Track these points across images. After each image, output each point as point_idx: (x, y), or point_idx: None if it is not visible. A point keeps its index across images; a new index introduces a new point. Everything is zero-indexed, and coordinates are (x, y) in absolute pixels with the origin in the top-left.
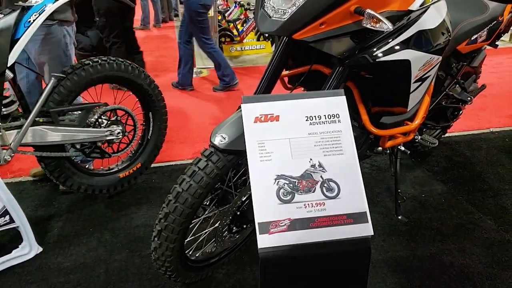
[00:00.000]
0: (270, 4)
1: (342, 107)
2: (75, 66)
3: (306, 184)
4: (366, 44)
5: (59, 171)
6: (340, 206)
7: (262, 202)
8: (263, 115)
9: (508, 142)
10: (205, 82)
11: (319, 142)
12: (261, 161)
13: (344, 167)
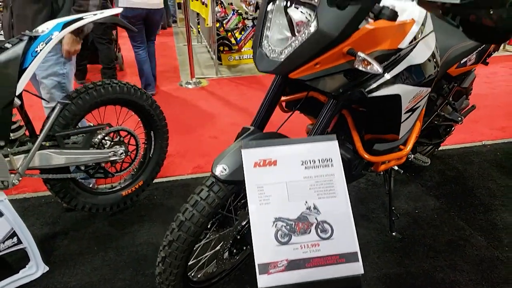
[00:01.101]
0: (268, 45)
1: (334, 152)
2: (80, 90)
3: (302, 226)
4: (358, 81)
5: (64, 192)
6: (333, 246)
7: (261, 244)
8: (262, 160)
9: (499, 156)
10: (204, 92)
11: (314, 185)
12: (260, 204)
13: (337, 209)
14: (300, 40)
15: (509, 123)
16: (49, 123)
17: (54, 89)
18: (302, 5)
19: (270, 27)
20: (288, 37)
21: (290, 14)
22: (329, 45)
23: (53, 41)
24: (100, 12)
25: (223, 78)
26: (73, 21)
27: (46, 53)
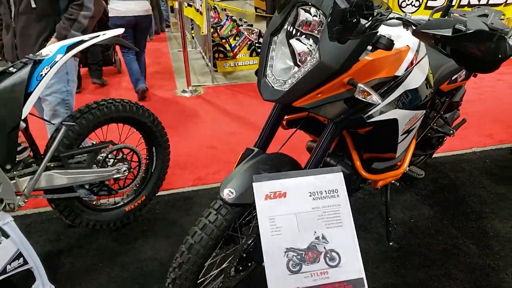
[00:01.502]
0: (271, 74)
1: (340, 183)
2: (83, 110)
3: (311, 255)
4: (357, 107)
5: (68, 211)
6: (341, 273)
7: (274, 273)
8: (272, 192)
9: (488, 164)
10: (201, 101)
11: (322, 216)
12: (272, 235)
13: (344, 238)
14: (303, 72)
15: (497, 130)
16: (55, 144)
17: (58, 106)
18: (304, 36)
19: (274, 57)
20: (291, 66)
21: (292, 45)
22: (331, 76)
23: (58, 65)
24: (102, 34)
25: (219, 85)
26: (77, 43)
27: (51, 77)
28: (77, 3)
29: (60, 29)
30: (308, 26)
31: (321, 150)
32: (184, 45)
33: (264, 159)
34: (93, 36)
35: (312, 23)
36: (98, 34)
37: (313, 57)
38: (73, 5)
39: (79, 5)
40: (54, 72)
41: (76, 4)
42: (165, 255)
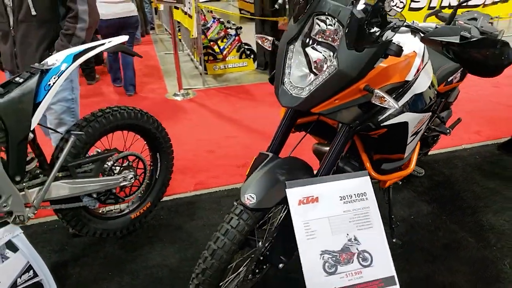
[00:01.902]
0: (289, 81)
1: (368, 186)
2: (89, 119)
3: (345, 257)
4: (371, 112)
5: (76, 220)
6: (374, 272)
7: (312, 276)
8: (305, 197)
9: (478, 160)
10: (194, 104)
11: (353, 218)
12: (307, 239)
13: (374, 238)
14: (322, 79)
15: (483, 127)
16: (64, 154)
17: (63, 115)
18: (319, 44)
19: (291, 65)
20: (307, 73)
21: (308, 53)
22: (348, 83)
23: (66, 74)
24: (108, 41)
25: (210, 88)
26: (83, 52)
27: (59, 86)
28: (72, 15)
29: (59, 47)
30: (323, 34)
31: (334, 153)
32: (175, 49)
33: (280, 164)
34: (98, 44)
35: (327, 32)
36: (103, 41)
37: (331, 65)
38: (68, 18)
39: (74, 18)
40: (63, 81)
41: (71, 17)
42: (174, 261)
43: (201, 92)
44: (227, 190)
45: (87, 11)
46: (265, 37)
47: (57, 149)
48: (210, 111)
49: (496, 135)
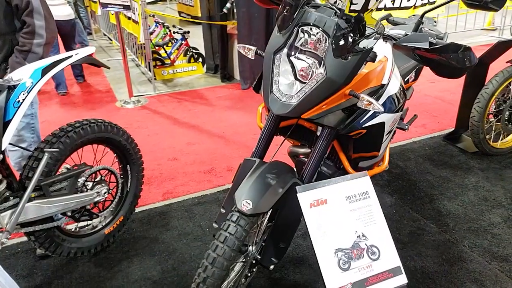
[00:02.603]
0: (277, 89)
1: (369, 186)
2: (58, 134)
3: (356, 252)
4: (353, 114)
5: (49, 241)
6: (382, 265)
7: (329, 273)
8: (315, 200)
9: (428, 151)
10: (147, 112)
11: (359, 216)
12: (322, 239)
13: (379, 233)
14: (311, 87)
15: (427, 121)
16: (37, 173)
17: (23, 131)
18: (303, 53)
19: (279, 74)
20: (292, 81)
21: (293, 62)
22: (336, 90)
23: (36, 89)
24: (75, 53)
25: (162, 94)
26: (51, 65)
27: (29, 102)
28: (27, 30)
29: (14, 64)
30: (307, 44)
31: (318, 155)
32: (124, 55)
33: (268, 169)
34: (66, 56)
35: (311, 42)
36: (71, 54)
37: (319, 73)
38: (23, 34)
39: (31, 33)
40: (32, 97)
41: (26, 33)
42: (156, 273)
43: (153, 99)
44: (197, 197)
45: (44, 26)
46: (248, 47)
47: (27, 168)
48: (166, 118)
49: (440, 128)
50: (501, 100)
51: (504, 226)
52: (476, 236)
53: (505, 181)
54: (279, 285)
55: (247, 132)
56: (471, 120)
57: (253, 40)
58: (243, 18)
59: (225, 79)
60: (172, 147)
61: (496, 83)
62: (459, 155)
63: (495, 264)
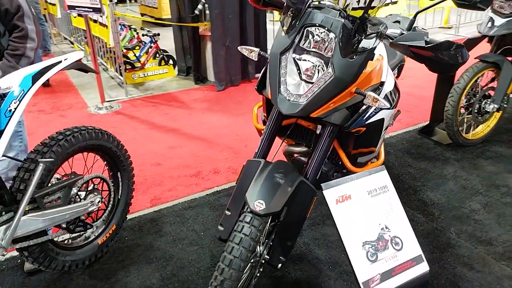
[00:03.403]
0: (285, 90)
1: (387, 179)
2: (49, 143)
3: (382, 244)
4: (357, 112)
5: (43, 256)
6: (405, 254)
7: (359, 266)
8: (340, 196)
9: (405, 145)
10: (122, 117)
11: (381, 209)
12: (349, 234)
13: (400, 224)
14: (320, 86)
15: (402, 116)
16: (32, 185)
17: (11, 139)
18: (308, 53)
19: (286, 74)
20: (298, 81)
21: (298, 63)
22: (343, 88)
23: (28, 97)
24: (64, 58)
25: (135, 98)
26: (40, 72)
27: (22, 111)
28: (20, 35)
29: (7, 68)
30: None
31: (321, 153)
32: (95, 60)
33: (275, 169)
34: (55, 62)
35: (315, 43)
36: (59, 59)
37: (327, 73)
38: (15, 38)
39: (24, 37)
40: (25, 105)
41: (19, 37)
42: (155, 281)
43: (126, 103)
44: (186, 201)
45: (35, 30)
46: (250, 49)
47: (18, 180)
48: (143, 122)
49: (414, 122)
50: (471, 94)
51: (484, 212)
52: (460, 223)
53: (479, 169)
54: (281, 283)
55: (229, 134)
56: (445, 113)
57: (228, 41)
58: (216, 20)
59: (198, 81)
60: (153, 152)
61: (467, 78)
62: (435, 148)
63: (481, 248)
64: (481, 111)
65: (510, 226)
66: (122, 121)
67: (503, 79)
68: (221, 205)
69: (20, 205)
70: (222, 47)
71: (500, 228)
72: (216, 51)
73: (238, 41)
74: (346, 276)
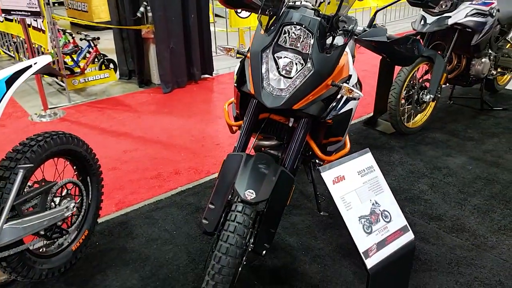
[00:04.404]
0: (268, 85)
1: (371, 161)
2: (21, 150)
3: (374, 218)
4: (330, 104)
5: (22, 265)
6: (394, 225)
7: (358, 238)
8: (336, 177)
9: (353, 136)
10: (69, 124)
11: (370, 187)
12: (347, 210)
13: (387, 199)
14: (301, 80)
15: None
16: (14, 193)
17: None
18: (285, 50)
19: (267, 70)
20: (277, 76)
21: (277, 59)
22: (322, 81)
23: (4, 102)
24: (33, 63)
25: (79, 104)
26: (12, 76)
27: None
28: None
29: None
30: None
31: (297, 144)
32: None
33: (258, 160)
34: (25, 66)
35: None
36: (29, 63)
37: (305, 68)
38: None
39: None
40: (2, 110)
41: None
42: (136, 282)
43: (70, 110)
44: (152, 203)
45: None
46: (228, 47)
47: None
48: (91, 128)
49: (358, 115)
50: (410, 86)
51: (431, 192)
52: (412, 203)
53: (422, 155)
54: (260, 271)
55: (183, 135)
56: (389, 104)
57: (172, 43)
58: (160, 22)
59: (142, 84)
60: (107, 157)
61: (407, 71)
62: (380, 137)
63: (433, 224)
64: (419, 101)
65: (454, 203)
66: (70, 128)
67: (436, 71)
68: (188, 204)
69: (2, 214)
70: (166, 49)
71: (447, 205)
72: (160, 53)
73: (182, 43)
74: (319, 259)
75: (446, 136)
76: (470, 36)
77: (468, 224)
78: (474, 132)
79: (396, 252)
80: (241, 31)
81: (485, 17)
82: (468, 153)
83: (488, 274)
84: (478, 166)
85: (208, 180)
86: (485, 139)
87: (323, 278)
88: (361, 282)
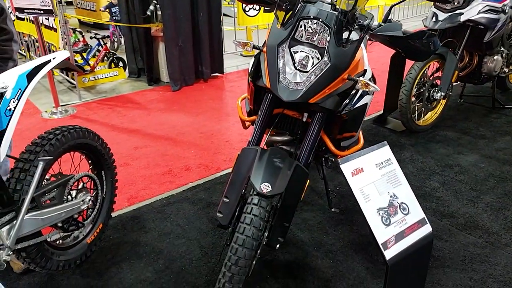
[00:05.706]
0: (283, 78)
1: (389, 153)
2: (40, 143)
3: (392, 210)
4: (346, 97)
5: (40, 256)
6: (412, 218)
7: (377, 229)
8: (355, 169)
9: (363, 134)
10: (79, 121)
11: (388, 179)
12: (366, 202)
13: (405, 192)
14: (317, 74)
15: None
16: (34, 184)
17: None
18: (302, 44)
19: (284, 64)
20: (294, 70)
21: (292, 53)
22: (338, 75)
23: (25, 95)
24: (52, 57)
25: (89, 102)
26: (33, 71)
27: (21, 109)
28: (7, 37)
29: None
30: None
31: (312, 138)
32: None
33: (272, 154)
34: (45, 61)
35: (308, 34)
36: (48, 58)
37: (322, 61)
38: (2, 41)
39: (10, 40)
40: (23, 103)
41: (6, 40)
42: (150, 275)
43: (81, 107)
44: (164, 198)
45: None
46: (245, 42)
47: (14, 179)
48: (102, 125)
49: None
50: (421, 83)
51: (443, 189)
52: (424, 200)
53: (432, 152)
54: (273, 266)
55: (192, 132)
56: (399, 102)
57: (181, 41)
58: (169, 20)
59: (151, 82)
60: (119, 153)
61: (418, 69)
62: (390, 135)
63: (445, 221)
64: (430, 98)
65: (467, 200)
66: (81, 125)
67: (448, 68)
68: (199, 199)
69: (23, 205)
70: (175, 47)
71: (459, 202)
72: (169, 51)
73: (191, 41)
74: (331, 254)
75: (457, 134)
76: (482, 33)
77: (481, 221)
78: (486, 130)
79: (414, 245)
80: (249, 30)
81: (497, 14)
82: (480, 151)
83: (502, 271)
84: (490, 164)
85: (218, 176)
86: (497, 137)
87: (335, 273)
88: (374, 277)
